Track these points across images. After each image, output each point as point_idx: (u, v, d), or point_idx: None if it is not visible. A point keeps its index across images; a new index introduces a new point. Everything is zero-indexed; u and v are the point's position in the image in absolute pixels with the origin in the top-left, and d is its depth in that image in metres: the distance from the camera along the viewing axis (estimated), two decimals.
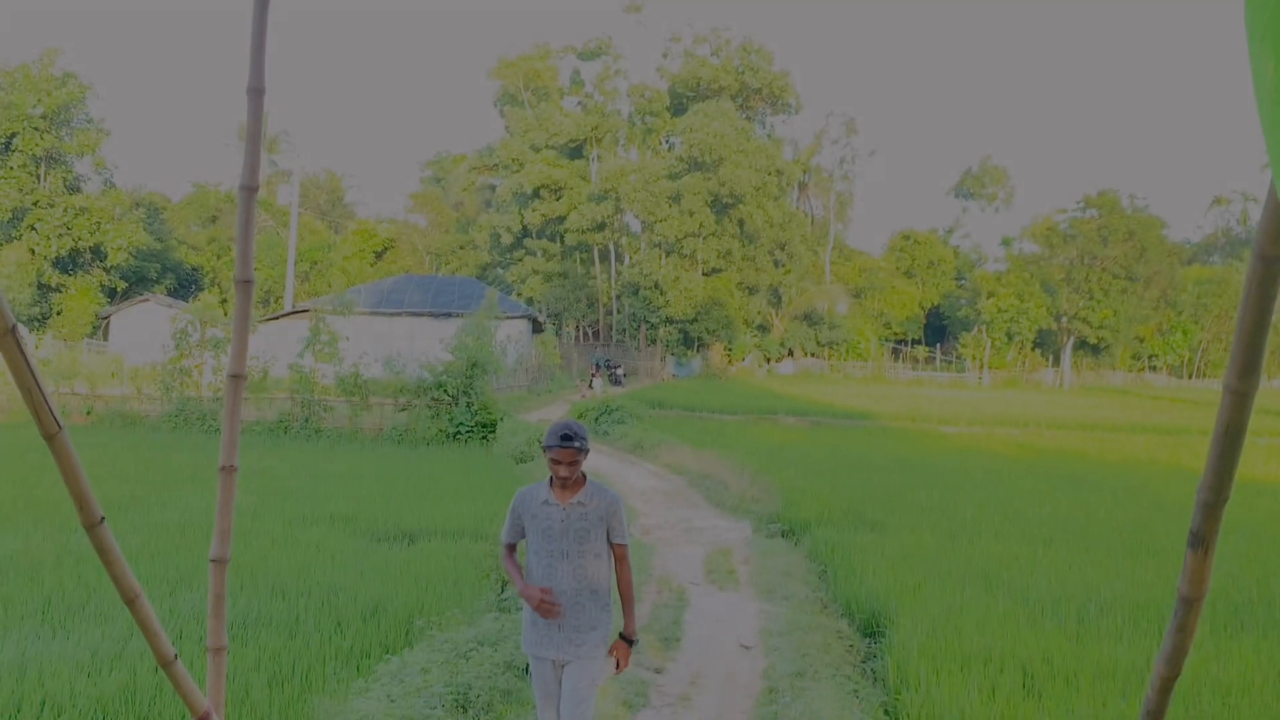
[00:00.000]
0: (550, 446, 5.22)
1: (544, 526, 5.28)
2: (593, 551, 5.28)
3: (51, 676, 8.20)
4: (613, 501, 5.36)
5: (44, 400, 2.70)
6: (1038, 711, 6.96)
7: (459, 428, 26.96)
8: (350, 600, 10.72)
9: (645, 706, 7.18)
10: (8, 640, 9.19)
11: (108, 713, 7.54)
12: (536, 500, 5.36)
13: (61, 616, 10.07)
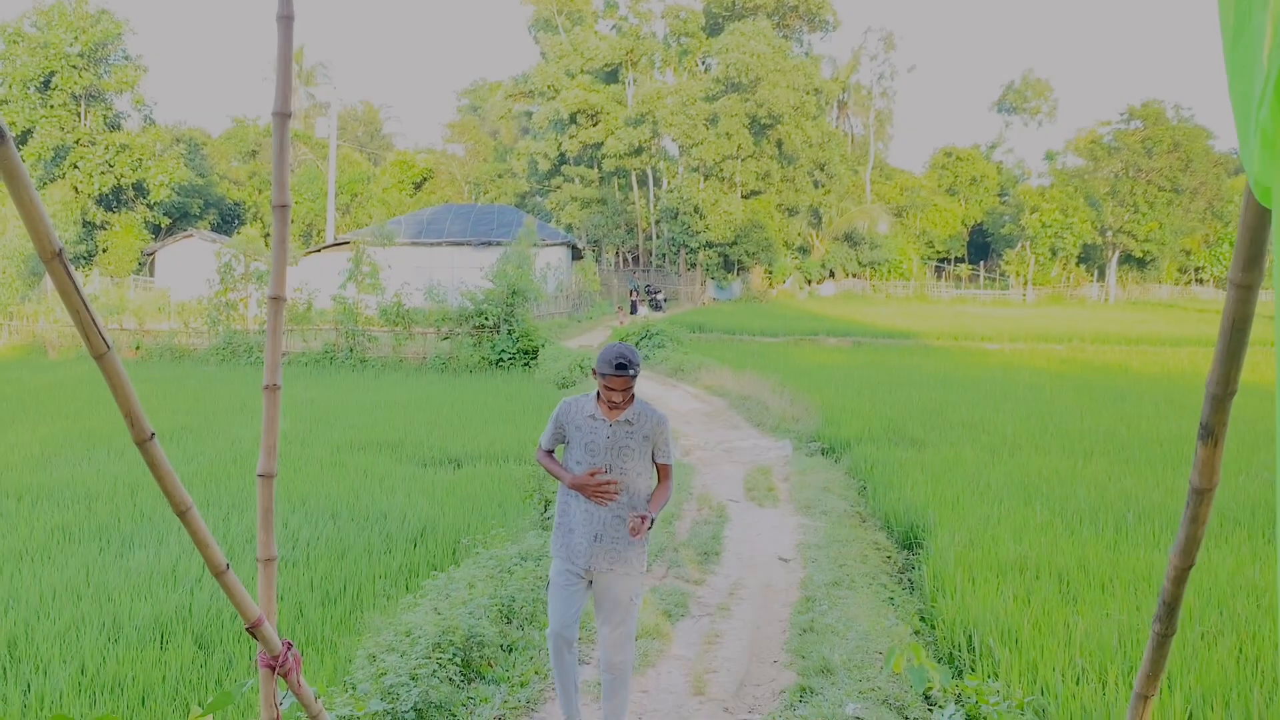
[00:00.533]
0: (605, 375, 5.11)
1: (588, 440, 5.18)
2: (635, 469, 5.17)
3: (110, 598, 8.51)
4: (660, 421, 5.27)
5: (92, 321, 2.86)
6: (1071, 615, 7.07)
7: (501, 355, 27.19)
8: (399, 523, 10.99)
9: (685, 616, 7.36)
10: (68, 564, 9.53)
11: (165, 630, 7.82)
12: (583, 413, 5.27)
13: (117, 542, 10.40)
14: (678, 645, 6.71)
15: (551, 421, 5.40)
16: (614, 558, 5.16)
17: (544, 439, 5.44)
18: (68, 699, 6.68)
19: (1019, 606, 7.27)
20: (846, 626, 6.81)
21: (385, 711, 5.23)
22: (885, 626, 6.84)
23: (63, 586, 8.85)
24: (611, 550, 5.16)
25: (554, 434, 5.36)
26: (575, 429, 5.25)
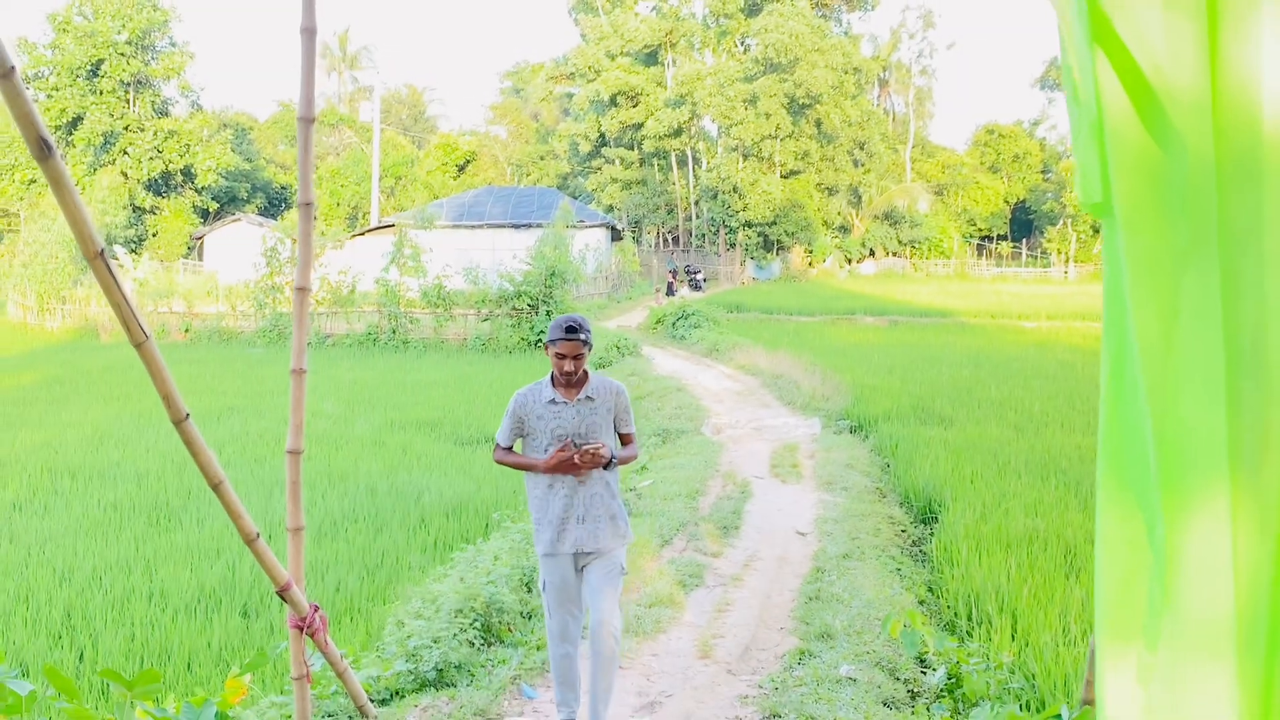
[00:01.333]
0: (554, 340, 5.06)
1: (553, 426, 5.08)
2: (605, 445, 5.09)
3: (158, 570, 8.99)
4: (618, 392, 5.24)
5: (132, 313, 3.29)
6: (1071, 585, 7.37)
7: (539, 336, 27.60)
8: (435, 498, 11.43)
9: (699, 586, 7.72)
10: (119, 539, 10.04)
11: (210, 600, 8.28)
12: (540, 400, 5.16)
13: (165, 517, 10.91)
14: (690, 613, 7.07)
15: (508, 416, 5.27)
16: (599, 536, 5.12)
17: (501, 435, 5.30)
18: (118, 664, 7.14)
19: (1021, 576, 7.57)
20: (851, 595, 7.14)
21: (409, 671, 5.63)
22: (889, 595, 7.17)
23: (114, 560, 9.35)
24: (595, 530, 5.11)
25: (512, 428, 5.26)
26: (536, 419, 5.16)
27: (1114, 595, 1.94)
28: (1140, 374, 1.88)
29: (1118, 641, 1.93)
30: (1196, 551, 1.80)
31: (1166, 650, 1.84)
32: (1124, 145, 1.81)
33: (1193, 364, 1.78)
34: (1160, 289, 1.81)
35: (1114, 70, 1.82)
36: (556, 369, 5.10)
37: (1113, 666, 1.94)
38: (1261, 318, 1.79)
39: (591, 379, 5.21)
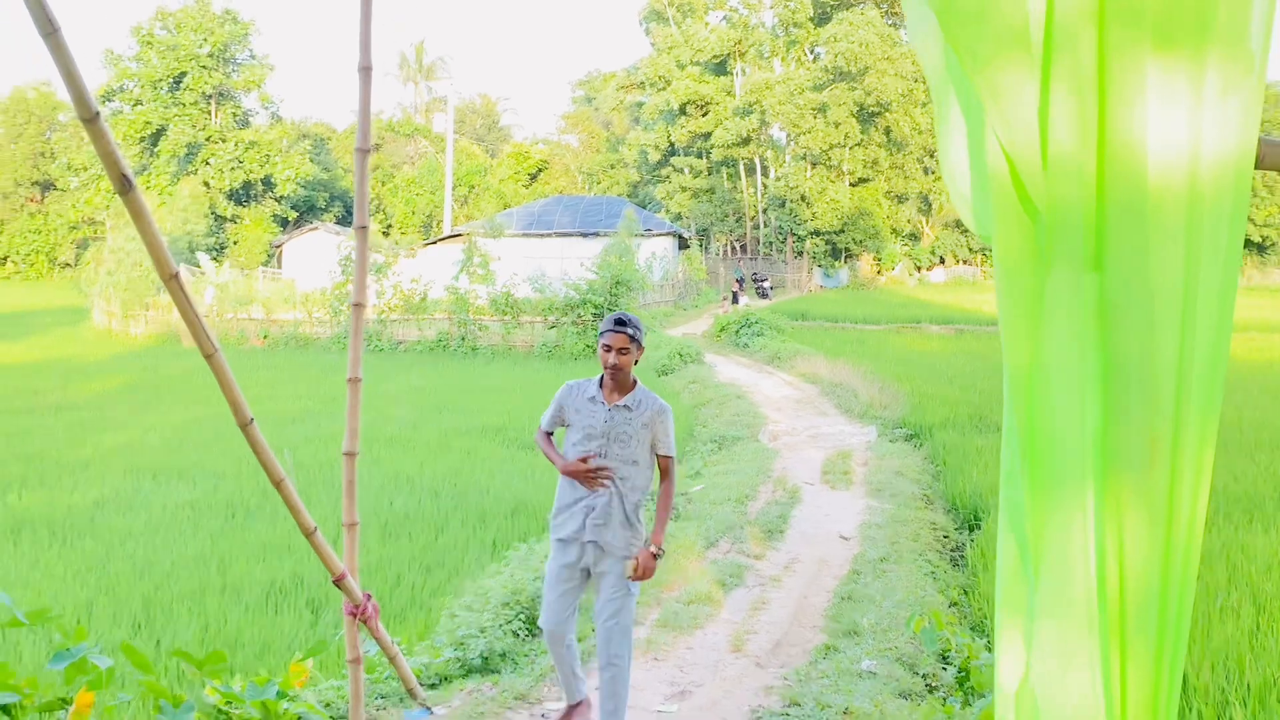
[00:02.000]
0: (603, 332, 5.09)
1: (586, 423, 5.12)
2: (630, 458, 5.08)
3: (231, 565, 9.52)
4: (660, 410, 5.16)
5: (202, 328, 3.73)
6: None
7: None
8: (495, 500, 11.89)
9: (739, 586, 8.07)
10: (197, 536, 10.60)
11: (279, 594, 8.78)
12: (583, 395, 5.21)
13: (241, 516, 11.47)
14: (727, 611, 7.43)
15: (553, 403, 5.38)
16: (609, 545, 5.08)
17: (544, 420, 5.42)
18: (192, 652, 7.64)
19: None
20: (884, 596, 7.45)
21: (457, 658, 6.05)
22: (920, 597, 7.47)
23: (191, 555, 9.90)
24: (605, 537, 5.08)
25: (554, 416, 5.36)
26: (575, 412, 5.21)
27: (1008, 574, 2.29)
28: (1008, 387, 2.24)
29: (1010, 615, 2.28)
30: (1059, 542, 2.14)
31: (1041, 624, 2.19)
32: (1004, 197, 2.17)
33: (1060, 380, 2.12)
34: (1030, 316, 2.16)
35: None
36: (602, 362, 5.10)
37: (1006, 637, 2.28)
38: (1149, 342, 2.12)
39: (638, 390, 5.18)
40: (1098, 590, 2.13)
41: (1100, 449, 2.14)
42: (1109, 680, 2.16)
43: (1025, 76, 2.14)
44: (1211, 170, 2.10)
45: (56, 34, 3.24)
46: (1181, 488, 2.16)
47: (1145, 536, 2.16)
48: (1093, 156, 2.11)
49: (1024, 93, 2.13)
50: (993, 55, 2.17)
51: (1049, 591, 2.13)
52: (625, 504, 5.10)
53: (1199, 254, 2.11)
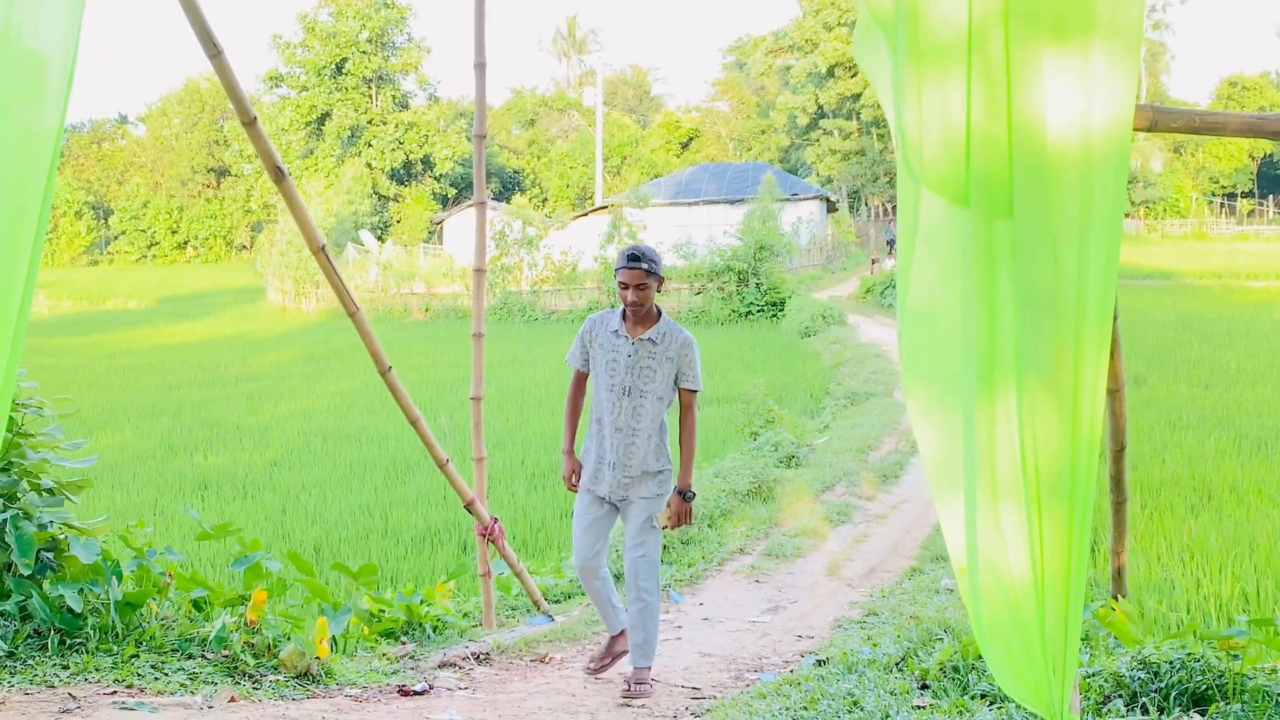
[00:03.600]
0: (618, 269, 4.95)
1: (610, 358, 4.99)
2: (655, 393, 4.96)
3: (392, 514, 10.55)
4: (686, 343, 5.01)
5: (345, 292, 4.63)
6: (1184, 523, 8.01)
7: (749, 307, 28.65)
8: None
9: (846, 523, 8.70)
10: (362, 489, 11.69)
11: (434, 537, 9.74)
12: (606, 329, 5.07)
13: (402, 471, 12.53)
14: (831, 543, 8.08)
15: (577, 338, 5.23)
16: (631, 484, 4.99)
17: (571, 357, 5.26)
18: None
19: (1140, 513, 8.26)
20: None
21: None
22: None
23: (357, 506, 10.97)
24: (624, 480, 4.98)
25: (580, 351, 5.20)
26: (599, 346, 5.06)
27: (937, 461, 2.95)
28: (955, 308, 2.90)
29: (945, 492, 2.95)
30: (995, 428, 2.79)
31: (982, 505, 2.85)
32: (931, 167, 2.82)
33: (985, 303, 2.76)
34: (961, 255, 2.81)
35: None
36: (621, 299, 4.96)
37: (945, 511, 2.94)
38: (1052, 273, 2.76)
39: (663, 323, 5.03)
40: (1021, 469, 2.77)
41: (1018, 356, 2.80)
42: (1033, 546, 2.82)
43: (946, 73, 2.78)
44: (1099, 135, 2.74)
45: (220, 56, 4.15)
46: (1083, 386, 2.82)
47: (1055, 425, 2.82)
48: (1004, 129, 2.76)
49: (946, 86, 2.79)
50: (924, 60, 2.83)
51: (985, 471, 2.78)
52: (650, 442, 4.99)
53: (1091, 202, 2.76)
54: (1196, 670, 3.67)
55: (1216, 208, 71.73)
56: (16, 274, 2.93)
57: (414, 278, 38.27)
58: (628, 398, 4.95)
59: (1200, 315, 24.22)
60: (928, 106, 2.90)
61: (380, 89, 66.96)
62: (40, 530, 4.32)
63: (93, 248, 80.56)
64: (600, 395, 5.05)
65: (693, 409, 5.11)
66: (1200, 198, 70.17)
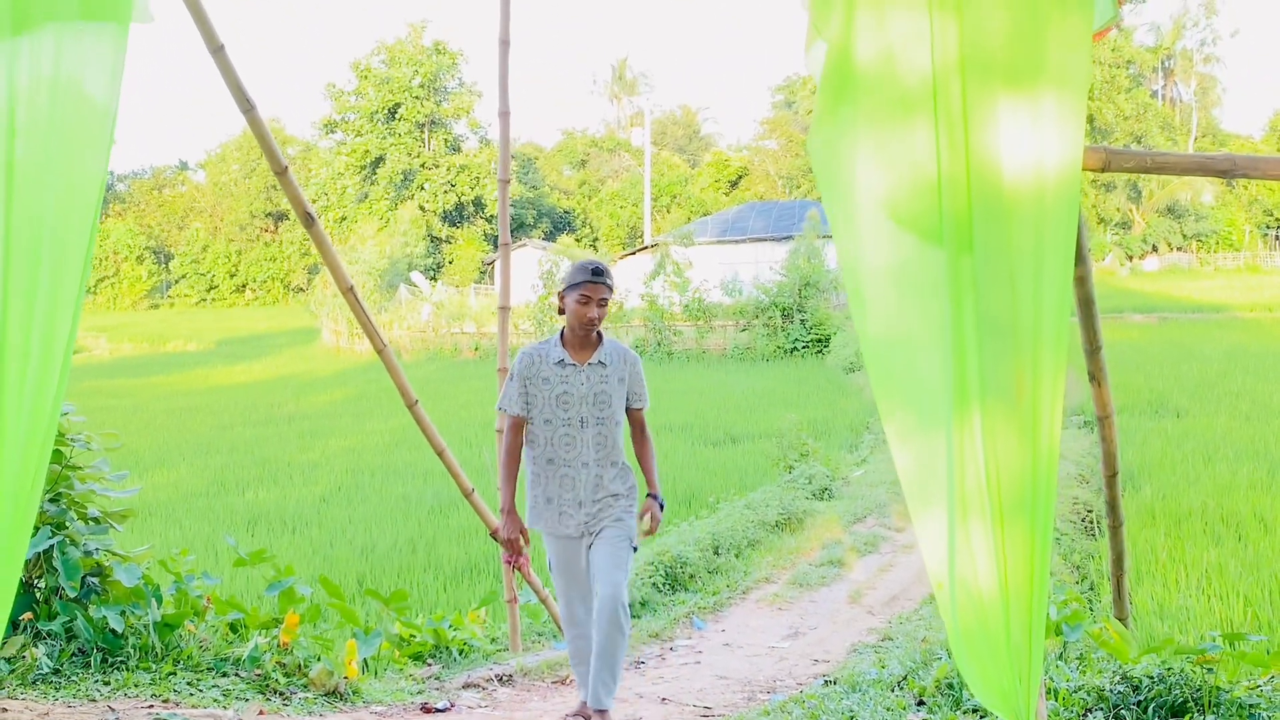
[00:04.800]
0: (578, 283, 4.54)
1: (559, 391, 4.58)
2: (613, 419, 4.63)
3: (435, 547, 10.82)
4: (633, 361, 4.72)
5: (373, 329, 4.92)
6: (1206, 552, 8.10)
7: (794, 343, 28.81)
8: (670, 487, 12.89)
9: (873, 553, 8.86)
10: (407, 523, 11.98)
11: (475, 569, 10.00)
12: (547, 361, 4.62)
13: (446, 506, 12.81)
14: (856, 572, 8.25)
15: (512, 378, 4.73)
16: (603, 514, 4.61)
17: (507, 401, 4.74)
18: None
19: (1168, 539, 8.37)
20: None
21: None
22: None
23: (402, 539, 11.26)
24: (599, 510, 4.60)
25: (520, 393, 4.68)
26: (542, 381, 4.61)
27: (913, 480, 3.15)
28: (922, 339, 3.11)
29: (921, 510, 3.15)
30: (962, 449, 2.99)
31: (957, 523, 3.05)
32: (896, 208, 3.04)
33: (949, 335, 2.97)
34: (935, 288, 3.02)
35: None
36: (577, 319, 4.55)
37: (922, 528, 3.14)
38: (1011, 305, 2.97)
39: (606, 343, 4.69)
40: (986, 488, 2.97)
41: (981, 382, 3.00)
42: (999, 560, 3.02)
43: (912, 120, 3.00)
44: (1051, 176, 2.95)
45: (253, 111, 4.46)
46: (1041, 410, 3.02)
47: (1016, 446, 3.02)
48: (964, 171, 2.97)
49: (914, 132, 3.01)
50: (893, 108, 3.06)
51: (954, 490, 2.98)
52: (616, 467, 4.67)
53: (1044, 239, 2.97)
54: (1175, 684, 3.83)
55: (1271, 240, 70.83)
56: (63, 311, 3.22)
57: (465, 317, 38.80)
58: (585, 429, 4.60)
59: (1248, 348, 24.08)
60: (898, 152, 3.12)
61: (432, 133, 68.06)
62: (85, 556, 4.62)
63: (153, 292, 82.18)
64: (549, 434, 4.61)
65: (645, 428, 4.80)
66: (1254, 230, 69.38)
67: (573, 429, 4.60)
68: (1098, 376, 4.47)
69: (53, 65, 3.21)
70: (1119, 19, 3.22)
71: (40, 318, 3.23)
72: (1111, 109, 62.01)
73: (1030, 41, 2.88)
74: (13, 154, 3.24)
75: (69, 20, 3.20)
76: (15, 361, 3.23)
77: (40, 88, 3.22)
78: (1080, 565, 8.51)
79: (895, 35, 2.94)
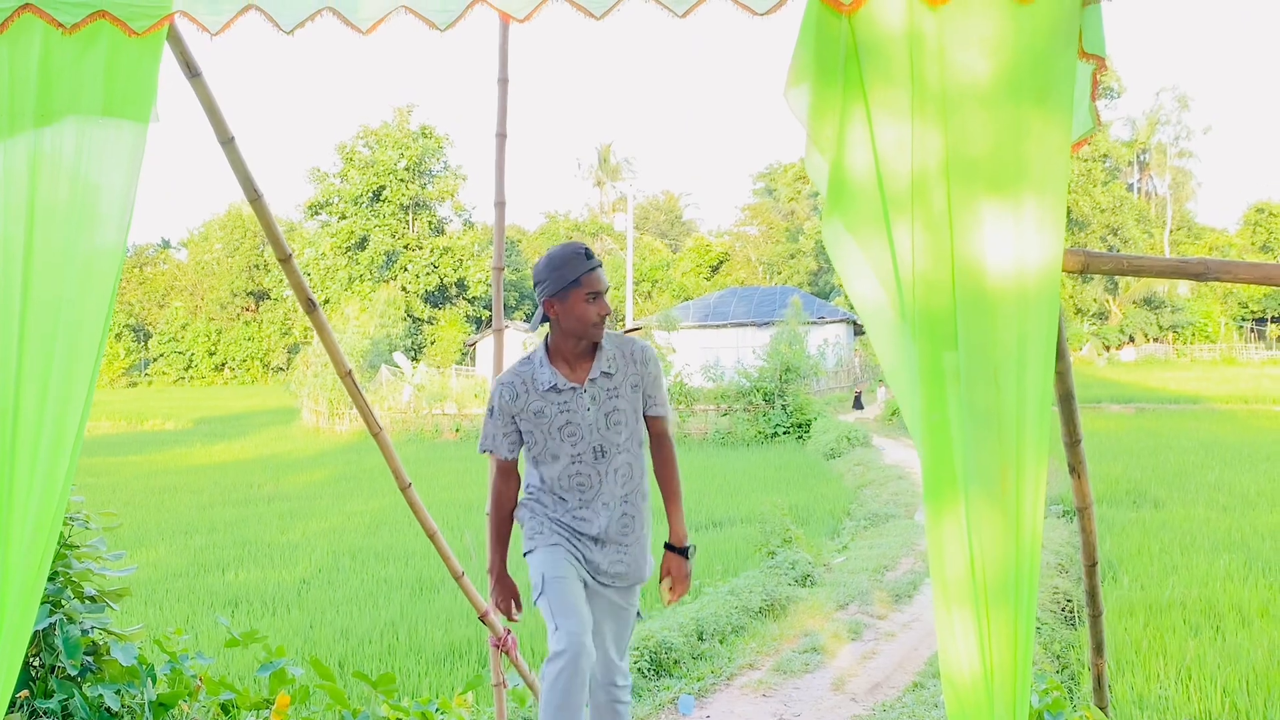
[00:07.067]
0: (578, 276, 3.68)
1: (560, 422, 3.79)
2: (636, 438, 3.91)
3: (417, 630, 10.80)
4: (645, 357, 3.91)
5: (369, 413, 5.00)
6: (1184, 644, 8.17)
7: (775, 429, 28.93)
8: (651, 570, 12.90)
9: (856, 640, 8.88)
10: (389, 606, 11.94)
11: (457, 653, 9.98)
12: (536, 389, 3.81)
13: (428, 589, 12.78)
14: (839, 660, 8.27)
15: (494, 415, 3.94)
16: (625, 566, 3.98)
17: (495, 443, 3.98)
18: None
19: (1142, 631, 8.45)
20: None
21: None
22: None
23: (383, 622, 11.22)
24: (621, 557, 3.95)
25: (507, 430, 3.93)
26: (535, 414, 3.83)
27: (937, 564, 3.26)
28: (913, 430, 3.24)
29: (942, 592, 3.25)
30: (946, 537, 3.10)
31: (937, 598, 3.14)
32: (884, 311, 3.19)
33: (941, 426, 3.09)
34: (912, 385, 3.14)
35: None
36: (585, 322, 3.73)
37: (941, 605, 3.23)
38: (994, 400, 3.09)
39: (608, 344, 3.87)
40: (970, 575, 3.07)
41: (965, 472, 3.12)
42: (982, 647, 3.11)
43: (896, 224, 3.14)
44: (1033, 276, 3.09)
45: (260, 200, 4.59)
46: (1024, 501, 3.13)
47: (999, 537, 3.13)
48: (948, 273, 3.11)
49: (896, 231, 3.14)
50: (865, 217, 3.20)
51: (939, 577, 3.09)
52: (643, 498, 4.02)
53: (1026, 336, 3.10)
54: None
55: (1246, 333, 71.72)
56: (76, 394, 3.33)
57: (446, 398, 38.84)
58: (606, 460, 3.84)
59: (1224, 440, 24.33)
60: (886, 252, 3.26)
61: (416, 215, 68.64)
62: (82, 635, 4.67)
63: (132, 369, 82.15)
64: (563, 475, 3.87)
65: (668, 437, 4.03)
66: (1229, 323, 70.28)
67: (589, 465, 3.82)
68: (1078, 469, 4.58)
69: (74, 156, 3.35)
70: (1096, 129, 3.39)
71: (53, 402, 3.34)
72: (1088, 201, 63.01)
73: (1011, 150, 3.02)
74: (32, 241, 3.37)
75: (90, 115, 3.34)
76: (28, 443, 3.34)
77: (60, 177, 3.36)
78: (1061, 654, 8.56)
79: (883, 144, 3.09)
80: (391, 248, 66.82)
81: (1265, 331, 72.33)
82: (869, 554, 12.87)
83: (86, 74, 3.26)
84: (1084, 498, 4.83)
